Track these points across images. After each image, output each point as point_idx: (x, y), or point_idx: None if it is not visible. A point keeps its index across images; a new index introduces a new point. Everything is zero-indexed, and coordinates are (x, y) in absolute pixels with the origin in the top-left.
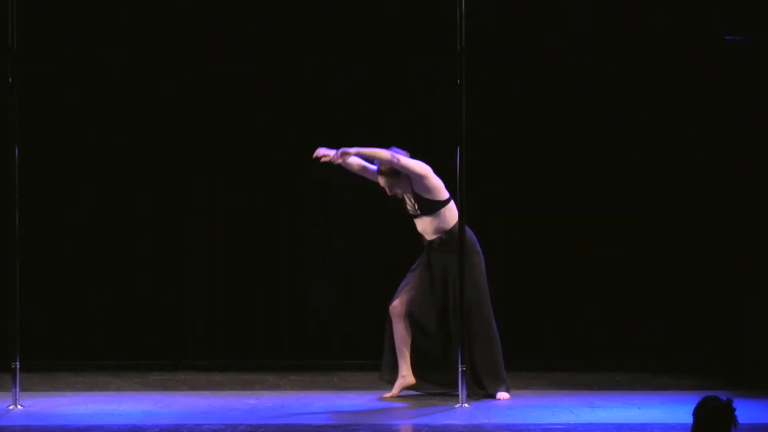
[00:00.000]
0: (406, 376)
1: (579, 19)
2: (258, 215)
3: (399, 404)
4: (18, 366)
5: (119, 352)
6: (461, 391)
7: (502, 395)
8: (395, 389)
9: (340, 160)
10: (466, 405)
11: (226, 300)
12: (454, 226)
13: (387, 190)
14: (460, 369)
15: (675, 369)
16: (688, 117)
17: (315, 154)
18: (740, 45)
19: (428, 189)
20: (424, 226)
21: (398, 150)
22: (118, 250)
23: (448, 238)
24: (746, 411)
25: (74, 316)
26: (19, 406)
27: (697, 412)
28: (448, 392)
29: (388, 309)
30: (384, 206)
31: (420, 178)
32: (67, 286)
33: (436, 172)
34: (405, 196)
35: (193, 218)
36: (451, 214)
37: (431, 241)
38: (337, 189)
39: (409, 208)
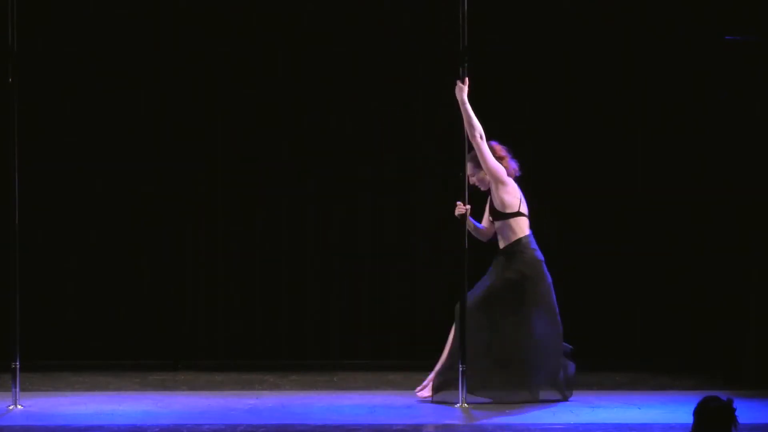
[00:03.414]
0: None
1: (579, 17)
2: (258, 215)
3: (399, 404)
4: (18, 366)
5: (119, 352)
6: (461, 391)
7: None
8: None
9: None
10: (466, 405)
11: (226, 300)
12: (522, 239)
13: (470, 178)
14: (460, 369)
15: (675, 369)
16: (689, 118)
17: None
18: (740, 45)
19: (497, 197)
20: (493, 228)
21: (496, 144)
22: (119, 251)
23: (515, 250)
24: (746, 411)
25: (74, 316)
26: (19, 406)
27: (698, 412)
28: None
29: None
30: (384, 207)
31: (492, 180)
32: (68, 287)
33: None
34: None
35: (193, 218)
36: (517, 226)
37: (500, 250)
38: (338, 189)
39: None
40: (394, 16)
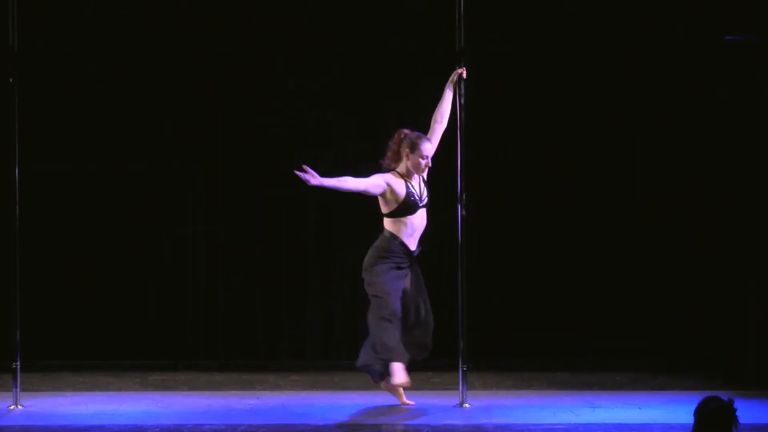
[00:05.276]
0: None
1: (579, 17)
2: (258, 215)
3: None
4: (18, 366)
5: (119, 352)
6: (462, 391)
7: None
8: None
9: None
10: (467, 405)
11: (226, 300)
12: None
13: (428, 159)
14: (461, 369)
15: (675, 369)
16: (689, 118)
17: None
18: (740, 45)
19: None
20: (422, 222)
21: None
22: (119, 251)
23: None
24: (746, 411)
25: (74, 316)
26: (19, 406)
27: (698, 413)
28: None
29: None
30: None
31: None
32: (68, 287)
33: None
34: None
35: (193, 218)
36: None
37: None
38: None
39: (417, 192)
40: (394, 16)
